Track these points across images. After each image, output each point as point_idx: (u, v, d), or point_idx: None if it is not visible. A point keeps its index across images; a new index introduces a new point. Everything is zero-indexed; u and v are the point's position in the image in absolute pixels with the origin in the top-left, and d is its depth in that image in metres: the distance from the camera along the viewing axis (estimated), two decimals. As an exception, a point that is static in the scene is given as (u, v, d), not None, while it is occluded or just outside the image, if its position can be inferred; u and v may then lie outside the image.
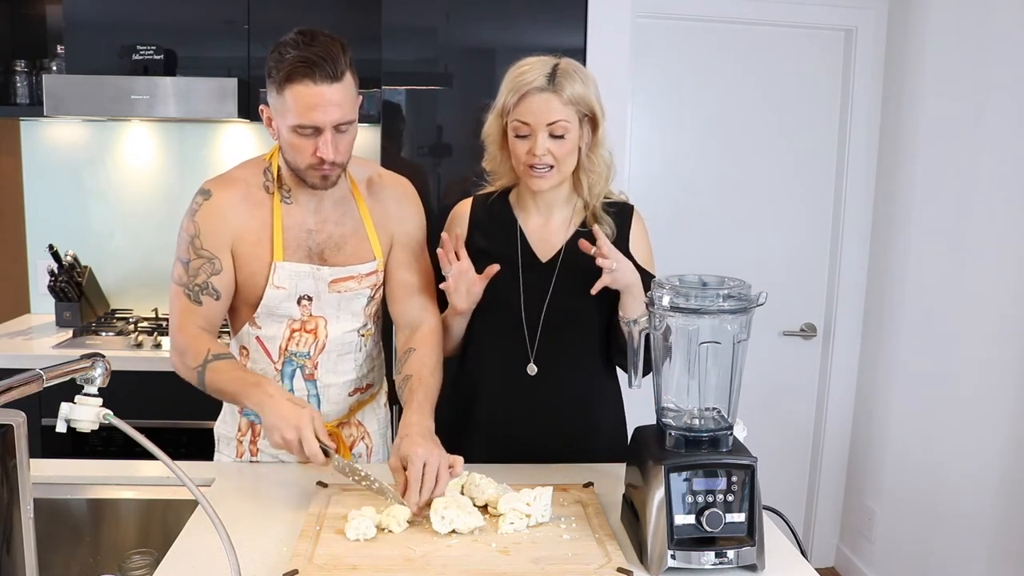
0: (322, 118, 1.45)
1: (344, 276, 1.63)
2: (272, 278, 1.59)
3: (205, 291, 1.58)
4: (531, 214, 1.71)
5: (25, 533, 0.89)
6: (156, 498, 1.53)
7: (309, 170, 1.52)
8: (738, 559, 1.24)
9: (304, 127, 1.46)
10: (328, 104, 1.45)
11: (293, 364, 1.66)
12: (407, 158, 2.65)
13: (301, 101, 1.44)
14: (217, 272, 1.58)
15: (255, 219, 1.59)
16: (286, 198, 1.61)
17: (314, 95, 1.44)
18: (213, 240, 1.57)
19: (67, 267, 2.90)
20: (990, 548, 2.61)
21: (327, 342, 1.66)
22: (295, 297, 1.61)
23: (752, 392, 2.21)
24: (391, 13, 2.57)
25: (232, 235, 1.58)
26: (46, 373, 1.04)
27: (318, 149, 1.48)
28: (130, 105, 2.61)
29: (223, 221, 1.57)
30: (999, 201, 2.54)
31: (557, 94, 1.55)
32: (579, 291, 1.64)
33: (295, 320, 1.63)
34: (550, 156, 1.58)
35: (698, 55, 3.03)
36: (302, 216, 1.62)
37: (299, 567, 1.19)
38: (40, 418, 2.34)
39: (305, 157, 1.50)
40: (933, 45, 2.76)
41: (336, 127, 1.48)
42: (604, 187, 1.69)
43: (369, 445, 1.78)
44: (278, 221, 1.59)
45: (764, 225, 3.13)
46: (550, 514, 1.36)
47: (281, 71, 1.44)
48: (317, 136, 1.48)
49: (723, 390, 1.30)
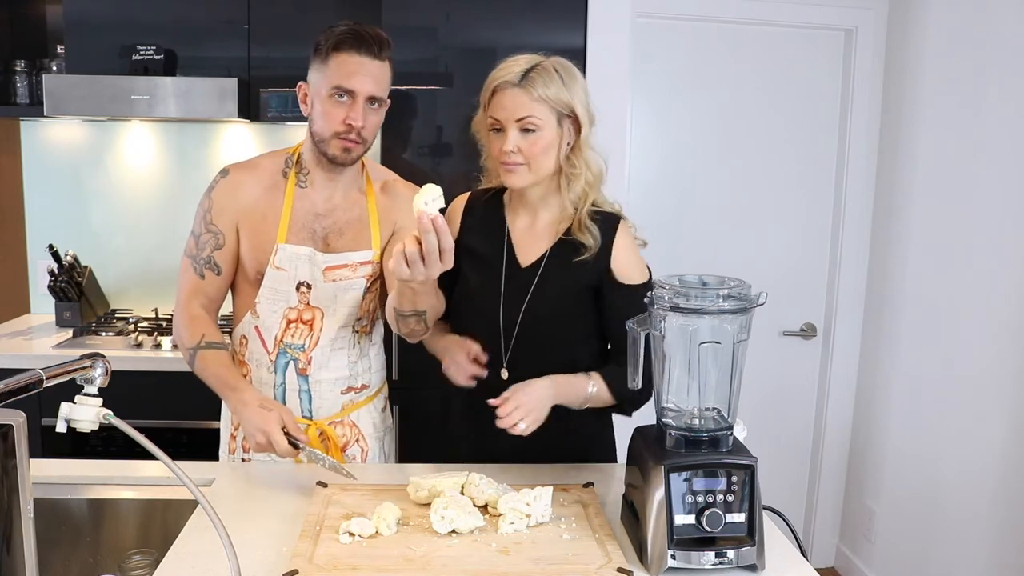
0: (359, 85, 1.57)
1: (338, 264, 1.67)
2: (274, 259, 1.66)
3: (208, 265, 1.69)
4: (519, 215, 1.69)
5: (25, 533, 0.89)
6: (156, 498, 1.53)
7: (335, 139, 1.60)
8: (738, 559, 1.24)
9: (341, 89, 1.57)
10: (367, 74, 1.58)
11: (287, 356, 1.69)
12: (407, 158, 2.65)
13: (343, 67, 1.57)
14: (220, 247, 1.68)
15: (266, 199, 1.68)
16: (302, 182, 1.70)
17: (356, 63, 1.57)
18: (222, 216, 1.68)
19: (67, 267, 2.90)
20: (990, 548, 2.61)
21: (321, 336, 1.68)
22: (294, 281, 1.66)
23: (752, 392, 2.21)
24: (391, 13, 2.57)
25: (240, 211, 1.67)
26: (46, 373, 1.04)
27: (348, 116, 1.58)
28: (130, 105, 2.61)
29: (233, 197, 1.68)
30: (999, 200, 2.54)
31: (526, 90, 1.54)
32: (555, 300, 1.63)
33: (292, 309, 1.67)
34: (519, 153, 1.56)
35: (698, 55, 3.03)
36: (314, 200, 1.69)
37: (299, 567, 1.19)
38: (40, 418, 2.35)
39: (335, 123, 1.59)
40: (933, 45, 2.76)
41: (369, 100, 1.59)
42: (591, 194, 1.63)
43: (364, 448, 1.78)
44: (288, 203, 1.67)
45: (764, 225, 3.13)
46: (550, 514, 1.36)
47: (330, 41, 1.58)
48: (350, 104, 1.58)
49: (723, 390, 1.30)
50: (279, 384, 1.70)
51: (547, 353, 1.64)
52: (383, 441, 1.83)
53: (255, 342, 1.71)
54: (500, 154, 1.58)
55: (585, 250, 1.60)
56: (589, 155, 1.62)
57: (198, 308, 1.67)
